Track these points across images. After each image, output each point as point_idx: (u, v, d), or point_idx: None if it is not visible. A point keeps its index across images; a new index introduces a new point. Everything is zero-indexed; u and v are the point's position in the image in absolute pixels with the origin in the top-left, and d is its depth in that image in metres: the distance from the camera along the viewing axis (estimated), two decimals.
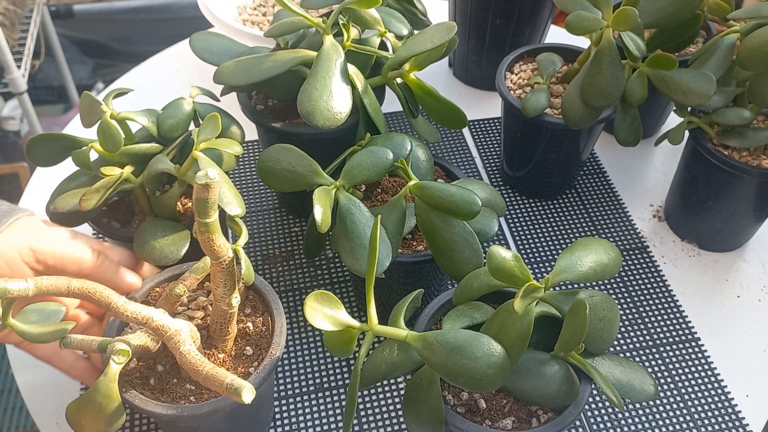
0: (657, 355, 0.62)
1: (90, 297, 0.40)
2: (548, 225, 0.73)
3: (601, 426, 0.58)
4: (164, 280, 0.52)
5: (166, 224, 0.54)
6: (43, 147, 0.55)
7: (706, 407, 0.59)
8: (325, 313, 0.43)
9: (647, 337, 0.64)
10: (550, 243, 0.71)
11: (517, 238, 0.72)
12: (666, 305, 0.66)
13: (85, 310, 0.54)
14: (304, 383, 0.59)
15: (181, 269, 0.52)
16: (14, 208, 0.49)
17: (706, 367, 0.62)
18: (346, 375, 0.60)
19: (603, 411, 0.59)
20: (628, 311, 0.66)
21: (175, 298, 0.47)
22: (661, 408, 0.59)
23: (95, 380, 0.42)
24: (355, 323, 0.44)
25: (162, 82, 0.90)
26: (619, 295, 0.67)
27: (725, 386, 0.60)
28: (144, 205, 0.56)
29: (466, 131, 0.84)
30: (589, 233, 0.73)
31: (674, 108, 0.66)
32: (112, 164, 0.54)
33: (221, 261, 0.43)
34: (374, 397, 0.59)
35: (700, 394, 0.60)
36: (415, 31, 0.63)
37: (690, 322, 0.65)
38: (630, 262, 0.70)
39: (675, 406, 0.59)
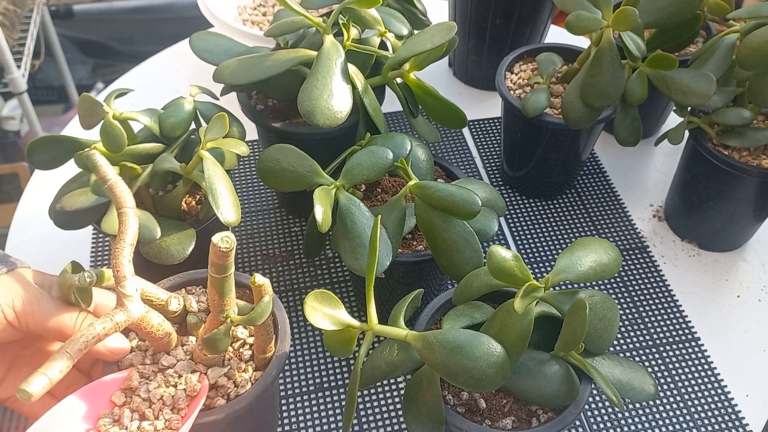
0: (657, 355, 0.62)
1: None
2: (548, 225, 0.73)
3: (601, 426, 0.58)
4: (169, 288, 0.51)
5: (171, 224, 0.54)
6: (44, 150, 0.55)
7: (706, 407, 0.59)
8: (324, 312, 0.44)
9: (647, 337, 0.64)
10: (550, 243, 0.71)
11: (517, 238, 0.72)
12: (666, 305, 0.66)
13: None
14: (304, 383, 0.59)
15: (182, 279, 0.51)
16: (5, 259, 0.47)
17: (706, 367, 0.62)
18: (346, 375, 0.60)
19: (603, 411, 0.59)
20: (628, 311, 0.66)
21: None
22: (661, 408, 0.59)
23: None
24: (355, 323, 0.44)
25: (162, 82, 0.90)
26: (619, 295, 0.67)
27: (725, 386, 0.60)
28: (148, 205, 0.56)
29: (466, 131, 0.84)
30: (589, 233, 0.73)
31: (674, 108, 0.66)
32: (115, 165, 0.54)
33: (218, 316, 0.43)
34: (374, 397, 0.59)
35: (700, 394, 0.60)
36: (415, 31, 0.63)
37: (690, 322, 0.65)
38: (630, 262, 0.70)
39: (675, 406, 0.59)
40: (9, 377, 0.48)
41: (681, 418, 0.58)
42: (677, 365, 0.62)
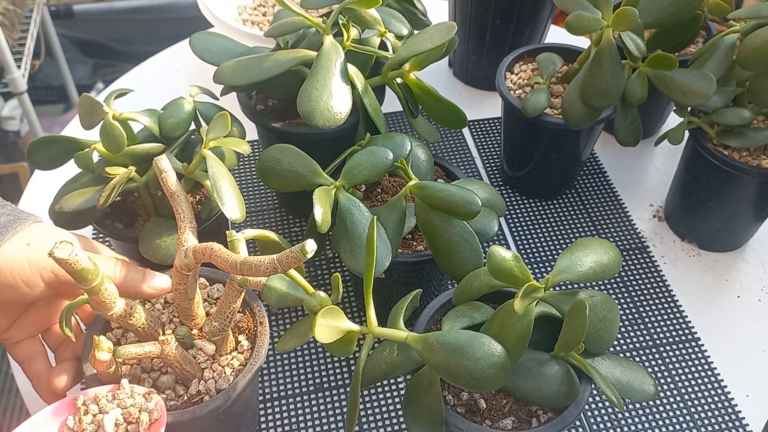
0: (657, 355, 0.62)
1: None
2: (548, 225, 0.73)
3: (601, 426, 0.58)
4: None
5: (171, 223, 0.54)
6: (44, 150, 0.55)
7: (706, 407, 0.59)
8: (328, 325, 0.43)
9: (647, 337, 0.64)
10: (550, 243, 0.71)
11: (517, 238, 0.72)
12: (666, 305, 0.66)
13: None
14: (304, 383, 0.59)
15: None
16: (20, 214, 0.48)
17: (706, 367, 0.62)
18: (346, 375, 0.60)
19: (603, 411, 0.59)
20: (628, 311, 0.66)
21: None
22: (661, 408, 0.59)
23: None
24: (355, 327, 0.44)
25: (162, 82, 0.90)
26: (619, 295, 0.67)
27: (725, 386, 0.60)
28: (148, 205, 0.56)
29: (466, 131, 0.84)
30: (589, 233, 0.73)
31: (674, 108, 0.66)
32: (115, 165, 0.54)
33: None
34: (374, 397, 0.59)
35: (700, 394, 0.60)
36: (415, 31, 0.63)
37: (690, 322, 0.65)
38: (630, 262, 0.70)
39: (675, 406, 0.59)
40: (16, 323, 0.50)
41: (681, 418, 0.58)
42: (677, 365, 0.62)
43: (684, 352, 0.63)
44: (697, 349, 0.63)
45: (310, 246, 0.37)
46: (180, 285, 0.45)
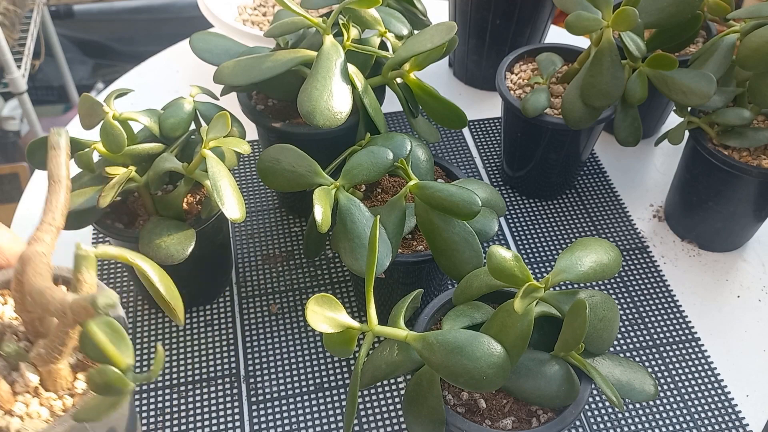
0: (657, 355, 0.62)
1: None
2: (548, 225, 0.73)
3: (601, 426, 0.58)
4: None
5: (171, 224, 0.54)
6: (44, 150, 0.55)
7: (706, 407, 0.59)
8: (325, 315, 0.43)
9: (647, 337, 0.64)
10: (550, 243, 0.71)
11: (517, 238, 0.72)
12: (666, 305, 0.66)
13: None
14: (304, 383, 0.59)
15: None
16: None
17: (706, 367, 0.62)
18: (346, 375, 0.60)
19: (603, 411, 0.59)
20: (628, 311, 0.66)
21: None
22: (661, 408, 0.59)
23: None
24: (355, 324, 0.44)
25: (162, 82, 0.90)
26: (619, 295, 0.67)
27: (725, 386, 0.60)
28: (149, 205, 0.56)
29: (466, 131, 0.84)
30: (589, 233, 0.73)
31: (674, 108, 0.66)
32: (115, 165, 0.54)
33: None
34: (374, 397, 0.59)
35: (700, 394, 0.60)
36: (415, 31, 0.63)
37: (690, 322, 0.65)
38: (630, 262, 0.70)
39: (675, 406, 0.59)
40: None
41: (681, 418, 0.58)
42: (677, 365, 0.62)
43: (684, 352, 0.63)
44: (697, 349, 0.63)
45: (103, 301, 0.29)
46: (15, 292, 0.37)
